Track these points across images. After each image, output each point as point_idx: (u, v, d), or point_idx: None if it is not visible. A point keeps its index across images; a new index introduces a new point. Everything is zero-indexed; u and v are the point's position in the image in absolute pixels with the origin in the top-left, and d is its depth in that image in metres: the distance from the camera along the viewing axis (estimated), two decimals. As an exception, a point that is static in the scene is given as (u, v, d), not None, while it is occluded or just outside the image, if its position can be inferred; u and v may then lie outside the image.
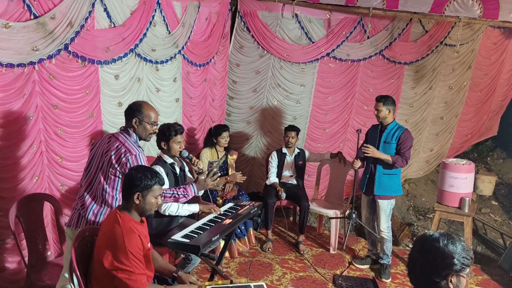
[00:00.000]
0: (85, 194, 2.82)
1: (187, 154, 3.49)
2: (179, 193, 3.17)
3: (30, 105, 3.18)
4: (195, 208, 3.53)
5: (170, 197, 3.11)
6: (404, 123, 5.39)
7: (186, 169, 3.81)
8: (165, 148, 3.47)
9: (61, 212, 3.25)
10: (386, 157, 4.05)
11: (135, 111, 2.87)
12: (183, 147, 3.52)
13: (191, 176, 3.82)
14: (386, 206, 4.18)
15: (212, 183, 3.21)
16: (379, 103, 4.09)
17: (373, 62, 5.56)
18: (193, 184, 3.24)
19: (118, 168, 2.72)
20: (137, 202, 2.35)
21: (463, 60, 5.66)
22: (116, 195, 2.80)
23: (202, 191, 3.65)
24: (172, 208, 3.39)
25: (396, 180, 4.16)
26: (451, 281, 1.67)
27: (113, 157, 2.72)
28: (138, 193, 2.34)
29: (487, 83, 5.90)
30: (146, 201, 2.36)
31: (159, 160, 3.50)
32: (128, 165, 2.70)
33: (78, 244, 2.32)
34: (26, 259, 3.00)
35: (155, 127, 2.94)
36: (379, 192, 4.14)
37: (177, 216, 3.49)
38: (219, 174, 3.36)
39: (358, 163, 4.22)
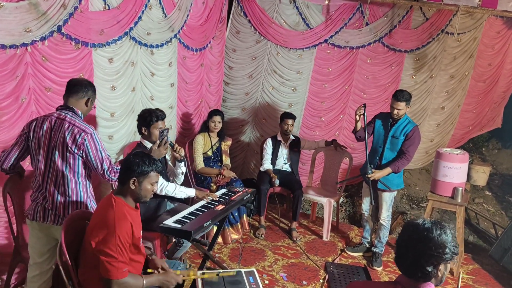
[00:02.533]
0: (45, 185, 2.66)
1: (169, 141, 3.47)
2: None
3: (23, 87, 3.14)
4: (191, 192, 3.54)
5: None
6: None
7: (168, 157, 3.77)
8: (146, 133, 3.44)
9: None
10: (387, 172, 4.06)
11: (89, 90, 2.75)
12: None
13: (171, 164, 3.80)
14: (388, 198, 4.22)
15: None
16: (400, 103, 3.99)
17: (373, 49, 5.51)
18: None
19: (75, 151, 2.60)
20: (132, 187, 2.34)
21: (464, 49, 5.59)
22: (79, 179, 2.68)
23: (182, 176, 3.63)
24: (169, 188, 3.40)
25: (399, 175, 4.19)
26: (439, 269, 1.70)
27: (67, 139, 2.58)
28: (134, 178, 2.33)
29: (491, 73, 5.82)
30: (142, 187, 2.36)
31: (139, 146, 3.47)
32: (85, 145, 2.60)
33: (68, 228, 2.32)
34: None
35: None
36: (382, 186, 4.17)
37: (165, 201, 3.49)
38: (170, 141, 3.31)
39: (362, 109, 4.08)
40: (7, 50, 2.95)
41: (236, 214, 4.58)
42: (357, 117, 4.14)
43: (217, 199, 3.56)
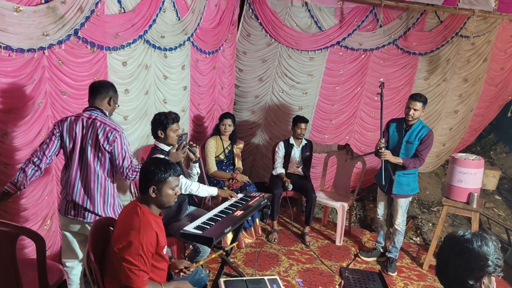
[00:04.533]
0: (77, 181, 2.83)
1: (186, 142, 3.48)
2: None
3: (40, 91, 3.11)
4: (213, 191, 3.57)
5: None
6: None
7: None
8: (162, 136, 3.44)
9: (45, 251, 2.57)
10: (398, 161, 4.03)
11: (110, 90, 2.95)
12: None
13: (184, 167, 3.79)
14: (403, 203, 4.20)
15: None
16: (417, 103, 3.94)
17: (386, 51, 5.45)
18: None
19: (107, 148, 2.80)
20: (153, 195, 2.31)
21: (478, 52, 5.55)
22: (107, 175, 2.87)
23: (196, 177, 3.63)
24: (193, 187, 3.44)
25: (413, 178, 4.15)
26: (483, 283, 1.65)
27: (100, 137, 2.78)
28: (153, 186, 2.30)
29: (503, 77, 5.79)
30: (163, 193, 2.33)
31: (156, 149, 3.45)
32: (117, 142, 2.79)
33: (93, 235, 2.29)
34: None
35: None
36: (398, 191, 4.14)
37: (186, 203, 3.47)
38: (188, 146, 3.33)
39: (383, 144, 3.99)
40: (25, 54, 2.92)
41: (249, 218, 4.54)
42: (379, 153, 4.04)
43: (239, 199, 3.58)
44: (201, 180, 3.87)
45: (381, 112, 4.09)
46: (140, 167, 2.88)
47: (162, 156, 3.21)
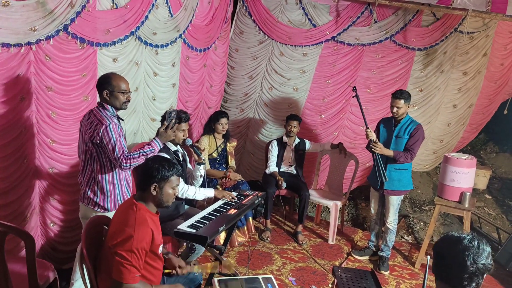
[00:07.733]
0: (80, 169, 2.98)
1: (190, 143, 3.42)
2: (146, 151, 2.86)
3: (23, 86, 3.02)
4: (210, 193, 3.52)
5: (139, 157, 2.81)
6: (411, 108, 4.76)
7: (187, 159, 3.73)
8: None
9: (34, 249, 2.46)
10: (389, 153, 4.03)
11: (103, 84, 2.93)
12: (187, 135, 3.44)
13: (191, 167, 3.74)
14: (395, 201, 4.19)
15: (173, 134, 2.98)
16: (399, 101, 4.00)
17: (382, 46, 5.35)
18: (156, 138, 2.99)
19: (94, 140, 2.82)
20: (154, 193, 2.30)
21: (477, 45, 5.43)
22: (98, 167, 2.89)
23: (201, 179, 3.58)
24: (190, 192, 3.38)
25: (406, 175, 4.15)
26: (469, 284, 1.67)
27: (87, 129, 2.84)
28: (155, 184, 2.29)
29: (502, 73, 5.69)
30: (163, 192, 2.32)
31: (163, 148, 3.40)
32: (100, 134, 2.77)
33: (88, 232, 2.24)
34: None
35: (127, 95, 2.97)
36: (388, 186, 4.13)
37: (182, 204, 3.42)
38: (194, 147, 3.22)
39: (373, 134, 4.08)
40: (11, 49, 2.85)
41: (242, 216, 4.51)
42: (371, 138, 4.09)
43: (231, 201, 3.53)
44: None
45: (361, 110, 4.19)
46: (136, 154, 2.79)
47: (165, 155, 3.16)
